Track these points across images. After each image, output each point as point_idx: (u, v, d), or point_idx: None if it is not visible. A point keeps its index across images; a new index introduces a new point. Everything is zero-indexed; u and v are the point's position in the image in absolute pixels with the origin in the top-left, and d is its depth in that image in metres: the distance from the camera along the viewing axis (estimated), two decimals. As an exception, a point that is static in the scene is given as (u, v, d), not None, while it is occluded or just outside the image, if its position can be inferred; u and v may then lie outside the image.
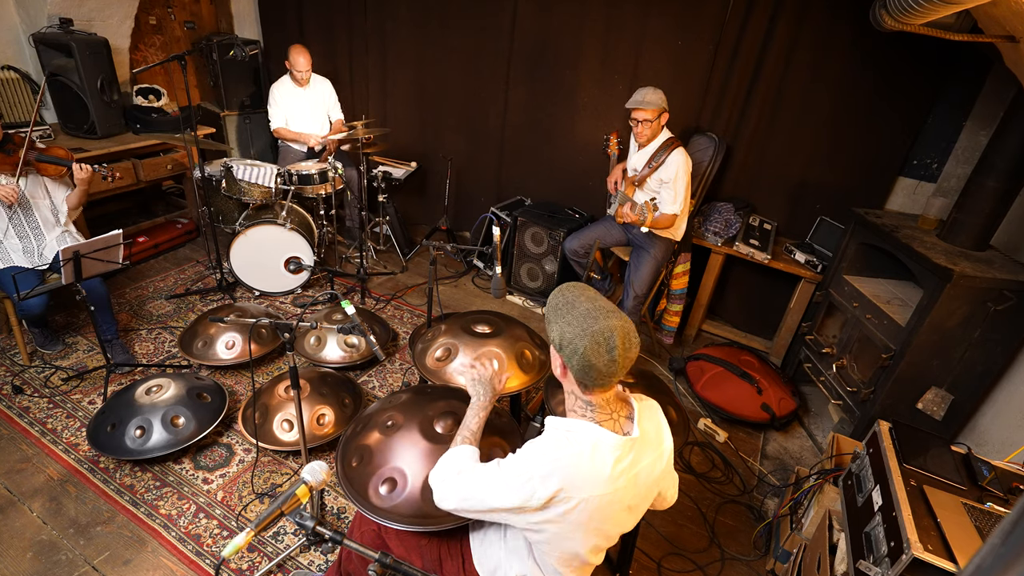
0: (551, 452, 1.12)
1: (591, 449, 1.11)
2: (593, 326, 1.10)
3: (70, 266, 2.31)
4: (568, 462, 1.10)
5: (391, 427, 1.49)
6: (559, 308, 1.16)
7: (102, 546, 1.98)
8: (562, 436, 1.14)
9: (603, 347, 1.09)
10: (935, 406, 2.34)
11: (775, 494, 2.50)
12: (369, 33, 4.21)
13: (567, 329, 1.12)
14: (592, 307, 1.13)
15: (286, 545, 2.05)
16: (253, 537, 1.01)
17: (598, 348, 1.09)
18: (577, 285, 1.20)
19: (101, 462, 2.30)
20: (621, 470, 1.13)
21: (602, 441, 1.12)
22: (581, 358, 1.10)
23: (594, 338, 1.09)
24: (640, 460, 1.17)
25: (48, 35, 3.36)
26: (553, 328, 1.15)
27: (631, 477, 1.15)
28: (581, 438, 1.13)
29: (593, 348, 1.09)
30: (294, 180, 3.47)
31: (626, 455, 1.14)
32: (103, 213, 3.90)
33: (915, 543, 1.33)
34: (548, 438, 1.16)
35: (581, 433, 1.14)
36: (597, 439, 1.13)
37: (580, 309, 1.13)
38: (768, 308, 3.53)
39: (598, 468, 1.11)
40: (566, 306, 1.15)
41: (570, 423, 1.17)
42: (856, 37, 2.85)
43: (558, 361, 1.18)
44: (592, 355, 1.09)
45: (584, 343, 1.09)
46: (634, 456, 1.15)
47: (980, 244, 2.36)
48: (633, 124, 2.83)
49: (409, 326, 3.47)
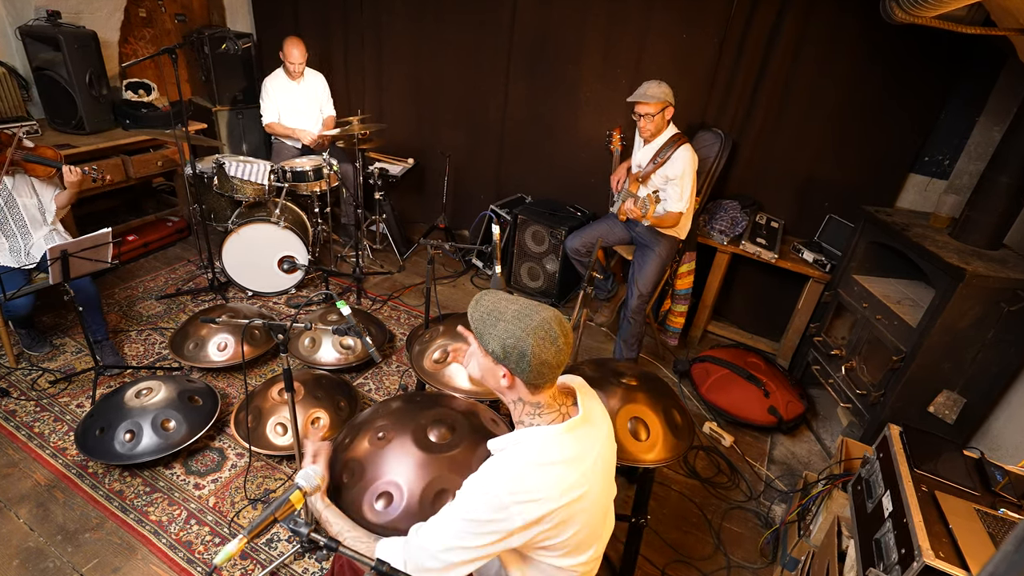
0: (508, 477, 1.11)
1: (543, 449, 1.12)
2: (531, 323, 1.12)
3: (58, 265, 2.31)
4: (521, 472, 1.10)
5: (382, 439, 1.48)
6: (486, 319, 1.16)
7: (91, 553, 1.98)
8: (511, 456, 1.14)
9: (548, 339, 1.11)
10: (947, 409, 2.34)
11: (782, 500, 2.50)
12: (365, 27, 4.21)
13: (506, 336, 1.12)
14: (518, 307, 1.15)
15: (280, 552, 2.04)
16: (246, 544, 1.01)
17: (543, 342, 1.11)
18: (489, 292, 1.22)
19: (89, 467, 2.30)
20: (578, 451, 1.15)
21: (550, 435, 1.14)
22: (531, 358, 1.11)
23: (536, 333, 1.11)
24: (593, 437, 1.20)
25: (35, 28, 3.36)
26: (489, 340, 1.15)
27: (592, 451, 1.18)
28: (531, 446, 1.14)
29: (539, 344, 1.11)
30: (288, 177, 3.47)
31: (579, 435, 1.16)
32: (92, 211, 3.90)
33: (926, 550, 1.33)
34: (498, 464, 1.14)
35: (526, 443, 1.15)
36: (544, 436, 1.14)
37: (510, 312, 1.14)
38: (775, 309, 3.53)
39: (558, 460, 1.12)
40: (494, 314, 1.15)
41: (515, 435, 1.18)
42: (865, 31, 2.85)
43: (500, 372, 1.17)
44: (541, 351, 1.11)
45: (530, 342, 1.11)
46: (585, 431, 1.18)
47: (993, 243, 2.36)
48: (636, 118, 2.83)
49: (406, 327, 3.47)
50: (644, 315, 3.08)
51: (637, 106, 2.79)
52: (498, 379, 1.19)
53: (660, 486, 2.51)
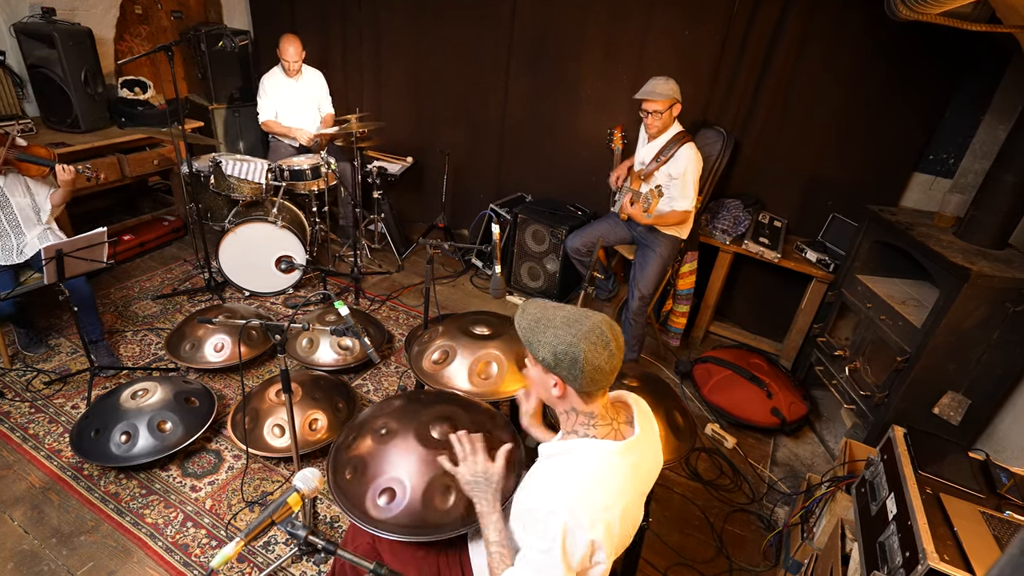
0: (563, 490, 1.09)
1: (600, 465, 1.11)
2: (581, 328, 1.10)
3: (52, 265, 2.31)
4: (583, 494, 1.09)
5: (386, 435, 1.49)
6: (535, 327, 1.14)
7: (86, 556, 1.98)
8: (564, 463, 1.14)
9: (600, 344, 1.10)
10: (952, 411, 2.34)
11: (785, 502, 2.50)
12: (363, 23, 4.21)
13: (557, 342, 1.11)
14: (566, 314, 1.14)
15: (277, 555, 2.05)
16: (243, 547, 1.02)
17: (595, 347, 1.09)
18: (536, 301, 1.21)
19: (85, 469, 2.30)
20: (631, 476, 1.14)
21: (608, 454, 1.13)
22: (584, 364, 1.09)
23: (588, 338, 1.10)
24: (645, 459, 1.19)
25: (30, 25, 3.36)
26: (540, 348, 1.13)
27: (640, 477, 1.17)
28: (585, 457, 1.13)
29: (591, 349, 1.09)
30: (285, 176, 3.47)
31: (632, 458, 1.15)
32: (87, 210, 3.90)
33: (931, 553, 1.33)
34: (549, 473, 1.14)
35: (581, 452, 1.14)
36: (602, 454, 1.13)
37: (558, 319, 1.13)
38: (778, 309, 3.53)
39: (613, 483, 1.11)
40: (542, 322, 1.14)
41: (568, 443, 1.17)
42: (870, 27, 2.85)
43: (551, 382, 1.15)
44: (593, 356, 1.09)
45: (582, 347, 1.09)
46: (639, 455, 1.17)
47: (999, 242, 2.36)
48: (643, 115, 2.82)
49: (405, 327, 3.47)
50: (645, 316, 3.09)
51: (645, 103, 2.78)
52: (549, 389, 1.17)
53: (662, 488, 2.50)
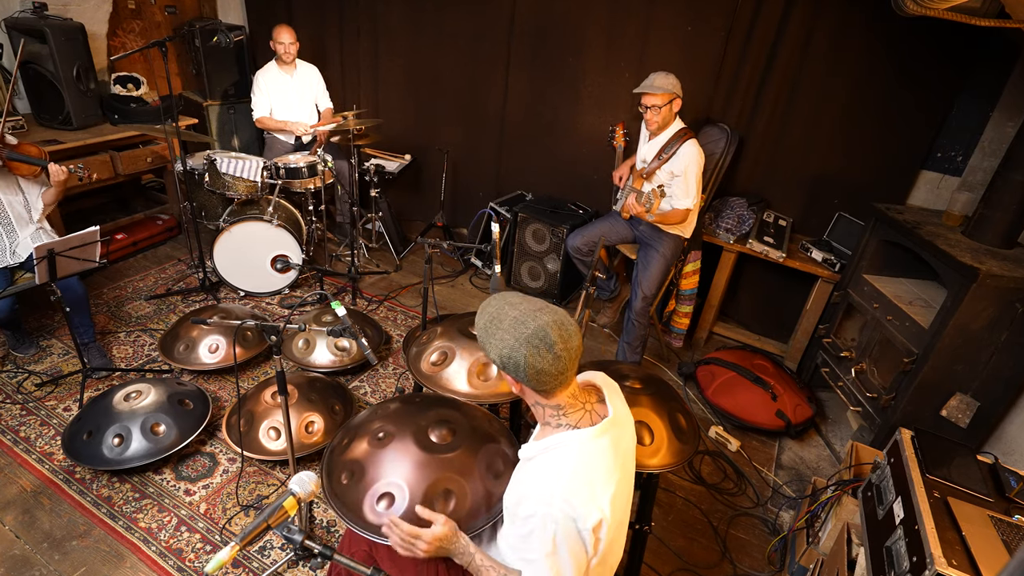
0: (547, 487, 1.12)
1: (581, 454, 1.14)
2: (524, 331, 1.12)
3: (44, 265, 2.31)
4: (571, 483, 1.12)
5: (383, 439, 1.49)
6: (488, 328, 1.18)
7: (78, 561, 1.98)
8: (546, 462, 1.16)
9: (542, 348, 1.11)
10: (960, 413, 2.34)
11: (791, 506, 2.50)
12: (360, 18, 4.21)
13: (501, 346, 1.14)
14: (518, 313, 1.15)
15: (273, 560, 2.05)
16: (238, 552, 1.02)
17: (537, 351, 1.11)
18: (499, 296, 1.22)
19: (77, 472, 2.30)
20: (613, 454, 1.17)
21: (586, 441, 1.15)
22: (526, 367, 1.12)
23: (530, 342, 1.11)
24: (624, 435, 1.23)
25: (21, 20, 3.36)
26: (490, 351, 1.17)
27: (622, 452, 1.21)
28: (565, 451, 1.15)
29: (532, 353, 1.11)
30: (281, 174, 3.47)
31: (612, 437, 1.18)
32: (79, 209, 3.91)
33: (939, 558, 1.33)
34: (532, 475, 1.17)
35: (559, 448, 1.16)
36: (580, 442, 1.15)
37: (507, 320, 1.15)
38: (783, 309, 3.53)
39: (598, 470, 1.14)
40: (493, 323, 1.17)
41: (545, 442, 1.19)
42: (876, 23, 2.84)
43: (509, 379, 1.20)
44: (535, 360, 1.11)
45: (523, 352, 1.11)
46: (618, 432, 1.21)
47: (1008, 241, 2.36)
48: (642, 111, 2.82)
49: (403, 328, 3.47)
50: (648, 316, 3.08)
51: (644, 97, 2.78)
52: (511, 384, 1.22)
53: (665, 492, 2.51)
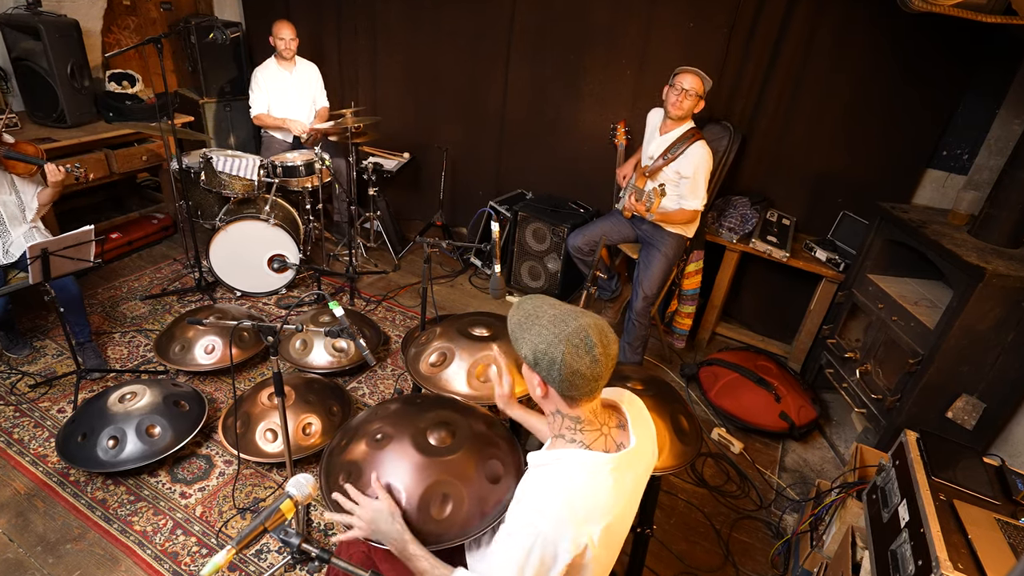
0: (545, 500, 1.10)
1: (588, 479, 1.11)
2: (565, 329, 1.10)
3: (38, 264, 2.31)
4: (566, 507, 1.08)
5: (381, 441, 1.49)
6: (523, 323, 1.15)
7: (72, 565, 1.98)
8: (550, 474, 1.13)
9: (582, 348, 1.09)
10: (966, 415, 2.34)
11: (794, 509, 2.50)
12: (358, 14, 4.21)
13: (538, 340, 1.11)
14: (558, 312, 1.13)
15: (270, 564, 2.05)
16: (234, 555, 1.01)
17: (576, 351, 1.09)
18: (535, 296, 1.20)
19: (71, 475, 2.30)
20: (621, 489, 1.13)
21: (596, 467, 1.12)
22: (561, 367, 1.09)
23: (570, 341, 1.09)
24: (637, 466, 1.19)
25: (14, 16, 3.36)
26: (523, 345, 1.14)
27: (631, 489, 1.16)
28: (571, 469, 1.12)
29: (571, 352, 1.09)
30: (278, 172, 3.47)
31: (624, 472, 1.14)
32: (73, 208, 3.90)
33: (944, 561, 1.33)
34: (535, 482, 1.14)
35: (569, 462, 1.13)
36: (590, 466, 1.12)
37: (546, 316, 1.13)
38: (787, 310, 3.53)
39: (599, 499, 1.10)
40: (530, 318, 1.15)
41: (557, 452, 1.17)
42: (880, 19, 2.85)
43: (535, 381, 1.16)
44: (572, 360, 1.09)
45: (561, 349, 1.09)
46: (632, 463, 1.17)
47: (1014, 241, 2.36)
48: (674, 93, 2.75)
49: (402, 329, 3.47)
50: (649, 316, 3.08)
51: (683, 77, 2.72)
52: (534, 387, 1.18)
53: (666, 495, 2.51)
